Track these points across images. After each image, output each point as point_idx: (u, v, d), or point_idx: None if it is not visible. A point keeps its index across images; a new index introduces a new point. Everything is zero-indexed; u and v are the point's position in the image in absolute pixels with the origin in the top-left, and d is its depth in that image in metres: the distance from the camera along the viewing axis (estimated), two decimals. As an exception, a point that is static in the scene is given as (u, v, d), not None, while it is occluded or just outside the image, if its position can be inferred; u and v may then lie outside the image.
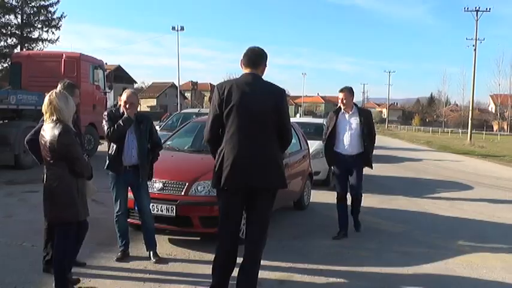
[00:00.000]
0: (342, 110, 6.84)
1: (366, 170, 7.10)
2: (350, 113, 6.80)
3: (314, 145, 10.75)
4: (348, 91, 6.81)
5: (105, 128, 5.42)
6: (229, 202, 4.10)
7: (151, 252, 5.53)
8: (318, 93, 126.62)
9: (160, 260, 5.44)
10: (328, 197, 9.89)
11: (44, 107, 4.22)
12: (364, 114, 6.84)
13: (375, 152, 7.22)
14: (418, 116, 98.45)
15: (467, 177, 15.02)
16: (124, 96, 5.52)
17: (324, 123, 13.56)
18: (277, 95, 4.17)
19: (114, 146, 5.41)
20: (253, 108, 4.00)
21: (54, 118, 4.12)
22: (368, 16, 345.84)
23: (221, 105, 3.99)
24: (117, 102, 11.47)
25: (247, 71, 4.15)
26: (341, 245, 6.50)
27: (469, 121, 43.68)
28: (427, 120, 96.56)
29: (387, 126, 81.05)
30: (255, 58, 4.19)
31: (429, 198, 10.58)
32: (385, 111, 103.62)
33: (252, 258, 4.14)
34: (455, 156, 24.44)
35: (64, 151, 4.07)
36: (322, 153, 11.01)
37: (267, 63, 4.26)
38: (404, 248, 6.51)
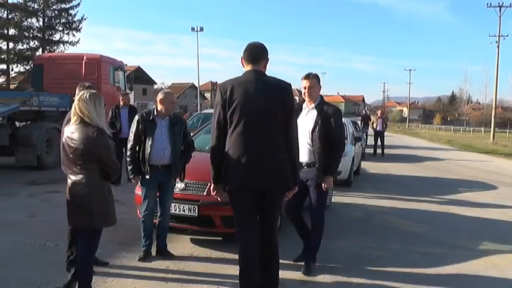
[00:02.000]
0: (305, 103, 5.38)
1: (385, 169, 6.96)
2: (310, 107, 5.32)
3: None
4: (316, 78, 5.30)
5: (131, 134, 5.53)
6: (241, 205, 3.97)
7: (162, 250, 5.60)
8: (337, 93, 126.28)
9: (170, 255, 5.54)
10: (349, 197, 9.89)
11: (73, 110, 4.08)
12: (326, 110, 5.22)
13: (394, 151, 7.04)
14: (439, 115, 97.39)
15: (490, 176, 14.81)
16: (165, 96, 5.59)
17: (345, 122, 13.52)
18: (283, 90, 4.01)
19: (140, 149, 5.45)
20: (258, 106, 3.84)
21: (85, 120, 3.99)
22: (387, 14, 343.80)
23: (224, 106, 3.85)
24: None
25: (249, 67, 3.99)
26: (362, 245, 6.47)
27: (492, 119, 42.99)
28: (448, 119, 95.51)
29: (408, 125, 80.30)
30: (256, 52, 4.02)
31: (451, 198, 10.44)
32: (405, 110, 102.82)
33: (271, 259, 4.11)
34: (478, 156, 24.10)
35: (99, 153, 3.97)
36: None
37: (269, 58, 4.08)
38: (426, 248, 6.44)
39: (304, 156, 5.08)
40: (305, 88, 5.26)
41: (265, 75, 4.02)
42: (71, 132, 4.03)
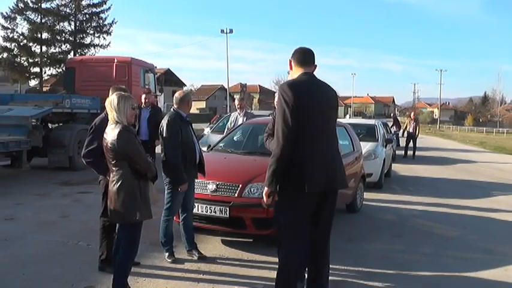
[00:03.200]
0: None
1: (416, 171, 6.83)
2: None
3: (366, 147, 10.60)
4: None
5: (174, 139, 5.28)
6: (303, 210, 3.84)
7: (193, 251, 5.61)
8: (367, 94, 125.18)
9: (204, 257, 5.53)
10: (380, 200, 9.76)
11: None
12: None
13: (425, 153, 6.88)
14: (471, 116, 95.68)
15: (525, 179, 14.44)
16: (189, 96, 5.63)
17: (376, 124, 13.38)
18: (334, 94, 4.12)
19: (189, 153, 5.35)
20: (324, 108, 3.89)
21: (113, 120, 4.18)
22: (417, 13, 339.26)
23: (294, 109, 3.69)
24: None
25: (301, 70, 3.96)
26: (394, 249, 6.36)
27: (526, 121, 42.00)
28: (480, 120, 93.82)
29: (439, 127, 79.11)
30: (309, 57, 4.02)
31: (485, 202, 10.21)
32: (436, 111, 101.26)
33: (324, 269, 4.08)
34: (512, 158, 23.55)
35: (125, 150, 4.10)
36: (374, 154, 10.91)
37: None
38: (460, 253, 6.31)
39: None
40: None
41: (319, 79, 4.05)
42: (105, 132, 4.25)
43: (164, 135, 5.33)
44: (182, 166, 5.25)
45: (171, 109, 5.54)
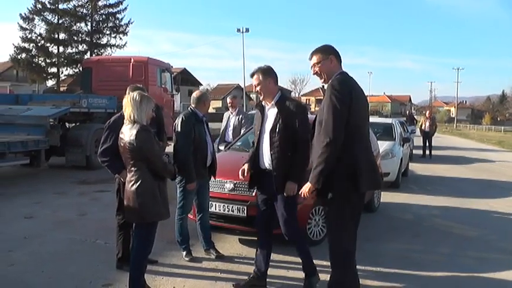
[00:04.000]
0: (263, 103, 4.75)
1: (434, 171, 6.72)
2: (270, 105, 4.60)
3: (383, 146, 10.51)
4: (262, 73, 4.55)
5: (185, 139, 5.30)
6: (358, 211, 3.80)
7: (211, 250, 5.62)
8: (384, 93, 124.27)
9: (222, 256, 5.54)
10: (398, 199, 9.67)
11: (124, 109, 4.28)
12: (287, 107, 4.46)
13: (442, 152, 6.77)
14: (489, 115, 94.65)
15: (545, 179, 14.20)
16: (207, 95, 5.68)
17: (393, 123, 13.25)
18: None
19: (200, 153, 5.36)
20: (367, 107, 3.94)
21: (131, 119, 4.13)
22: (434, 11, 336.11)
23: (350, 108, 3.58)
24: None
25: (340, 68, 3.88)
26: (413, 249, 6.30)
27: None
28: (498, 119, 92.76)
29: (456, 126, 78.35)
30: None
31: (505, 202, 10.05)
32: (453, 110, 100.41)
33: None
34: (531, 157, 23.18)
35: (143, 149, 4.05)
36: (391, 153, 10.81)
37: None
38: (480, 253, 6.22)
39: (265, 160, 4.57)
40: (255, 87, 4.64)
41: None
42: (121, 132, 4.21)
43: (177, 132, 5.38)
44: (192, 165, 5.25)
45: (188, 108, 5.56)
